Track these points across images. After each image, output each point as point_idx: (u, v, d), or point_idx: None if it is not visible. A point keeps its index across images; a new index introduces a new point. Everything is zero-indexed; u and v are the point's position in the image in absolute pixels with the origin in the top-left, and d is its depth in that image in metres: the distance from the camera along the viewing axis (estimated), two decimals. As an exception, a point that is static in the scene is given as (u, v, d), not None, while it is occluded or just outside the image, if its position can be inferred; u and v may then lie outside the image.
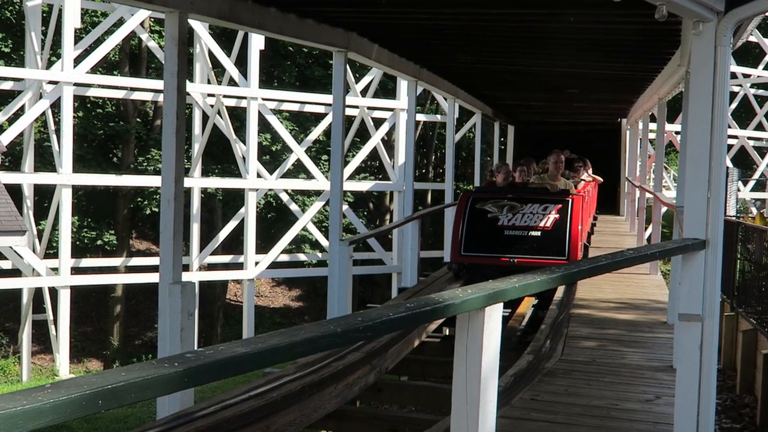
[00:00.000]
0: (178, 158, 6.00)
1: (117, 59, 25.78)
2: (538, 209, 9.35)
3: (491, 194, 9.90)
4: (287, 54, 27.90)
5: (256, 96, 20.23)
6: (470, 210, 9.60)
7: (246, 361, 1.97)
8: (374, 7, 8.20)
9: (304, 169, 23.53)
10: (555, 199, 9.54)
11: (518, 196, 9.70)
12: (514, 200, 9.53)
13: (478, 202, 9.68)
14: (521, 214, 9.36)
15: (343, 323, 2.24)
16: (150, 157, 25.59)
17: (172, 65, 6.10)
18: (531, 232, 9.40)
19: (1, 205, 12.54)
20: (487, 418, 2.83)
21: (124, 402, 1.82)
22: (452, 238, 9.83)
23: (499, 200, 9.59)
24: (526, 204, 9.45)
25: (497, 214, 9.44)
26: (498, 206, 9.46)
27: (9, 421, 1.56)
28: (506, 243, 9.47)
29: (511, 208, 9.42)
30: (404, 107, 21.09)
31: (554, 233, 9.33)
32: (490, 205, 9.52)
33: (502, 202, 9.52)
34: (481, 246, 9.56)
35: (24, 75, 18.68)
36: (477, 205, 9.58)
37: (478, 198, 9.82)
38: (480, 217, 9.54)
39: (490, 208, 9.50)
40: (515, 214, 9.39)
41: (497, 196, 9.71)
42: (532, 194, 9.78)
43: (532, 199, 9.57)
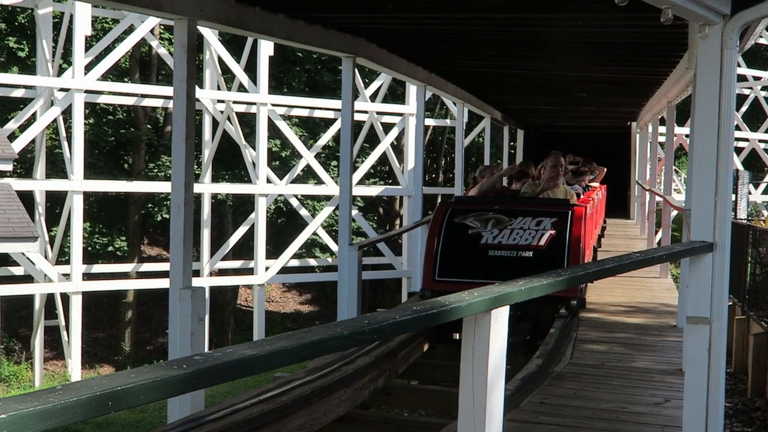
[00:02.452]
0: (188, 164, 6.05)
1: (127, 66, 25.91)
2: (531, 224, 7.79)
3: (474, 205, 8.37)
4: (296, 60, 27.97)
5: (265, 102, 20.30)
6: (447, 225, 8.00)
7: (254, 363, 1.99)
8: (382, 13, 8.24)
9: (314, 175, 23.58)
10: (551, 211, 8.05)
11: (507, 207, 8.13)
12: (502, 213, 7.99)
13: (458, 215, 8.09)
14: (509, 230, 7.78)
15: (350, 326, 2.27)
16: (161, 164, 25.69)
17: (181, 72, 6.15)
18: (521, 252, 7.84)
19: (13, 211, 12.61)
20: (493, 420, 2.84)
21: (134, 403, 1.85)
22: (424, 260, 8.08)
23: (482, 213, 8.01)
24: (515, 217, 7.89)
25: (480, 230, 7.84)
26: (481, 220, 7.89)
27: (21, 421, 1.59)
28: (490, 266, 7.82)
29: (498, 223, 7.85)
30: (413, 112, 21.13)
31: (550, 254, 7.79)
32: (471, 218, 7.94)
33: (487, 215, 7.95)
34: (460, 270, 7.94)
35: (35, 82, 18.80)
36: (456, 219, 8.01)
37: (457, 210, 8.20)
38: (459, 233, 7.95)
39: (472, 223, 7.92)
40: (502, 230, 7.80)
41: (481, 208, 8.17)
42: (523, 205, 8.27)
43: (524, 212, 8.00)
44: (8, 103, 23.67)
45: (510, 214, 7.97)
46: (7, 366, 20.47)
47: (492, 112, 18.78)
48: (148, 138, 26.33)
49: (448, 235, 7.98)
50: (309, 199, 26.63)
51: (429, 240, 8.14)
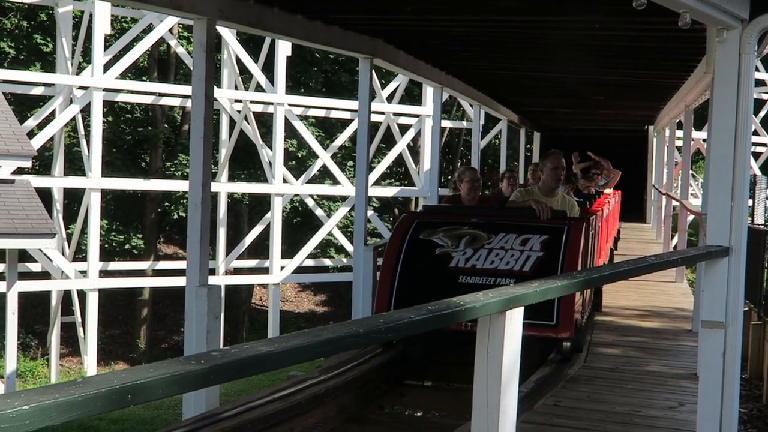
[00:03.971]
0: (206, 163, 6.09)
1: (146, 65, 26.07)
2: (514, 242, 6.12)
3: (446, 216, 6.72)
4: (314, 60, 28.05)
5: (282, 102, 20.35)
6: (410, 242, 6.35)
7: (270, 359, 2.02)
8: (400, 14, 8.27)
9: (330, 175, 23.63)
10: (542, 226, 6.36)
11: (487, 220, 6.47)
12: (480, 227, 6.31)
13: (425, 229, 6.44)
14: (487, 249, 6.10)
15: (365, 324, 2.29)
16: (178, 162, 25.82)
17: (200, 71, 6.19)
18: (500, 279, 6.09)
19: (32, 208, 12.72)
20: (506, 421, 2.86)
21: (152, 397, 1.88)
22: (378, 284, 6.34)
23: (455, 227, 6.34)
24: (496, 234, 6.23)
25: (450, 249, 6.17)
26: (453, 236, 6.23)
27: (42, 413, 1.62)
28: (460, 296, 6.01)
29: (473, 240, 6.18)
30: (430, 113, 21.13)
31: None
32: (441, 234, 6.26)
33: (460, 231, 6.28)
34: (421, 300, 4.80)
35: (54, 80, 18.94)
36: (422, 235, 6.34)
37: (425, 223, 6.54)
38: (423, 253, 6.30)
39: (441, 240, 6.25)
40: (478, 249, 6.13)
41: (455, 220, 6.53)
42: (508, 218, 6.60)
43: (507, 227, 6.36)
44: (28, 100, 23.87)
45: (490, 229, 6.28)
46: (23, 361, 20.63)
47: (508, 114, 18.77)
48: (165, 137, 26.48)
49: (410, 255, 6.25)
50: (325, 199, 26.69)
51: (386, 260, 6.33)
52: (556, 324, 5.92)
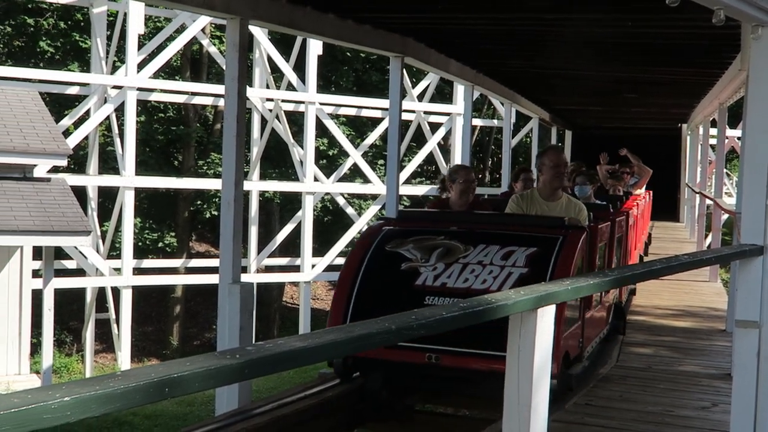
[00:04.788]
0: (239, 162, 6.15)
1: (178, 64, 26.30)
2: (495, 256, 5.11)
3: (422, 224, 5.83)
4: (345, 59, 28.12)
5: (314, 101, 20.44)
6: (374, 254, 5.39)
7: (303, 354, 2.04)
8: (431, 13, 8.28)
9: (361, 174, 23.69)
10: (531, 236, 5.32)
11: (468, 228, 5.53)
12: (458, 237, 5.34)
13: (394, 239, 5.46)
14: (461, 264, 5.09)
15: (397, 321, 2.31)
16: (210, 161, 26.03)
17: (233, 70, 6.25)
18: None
19: (68, 206, 12.90)
20: (538, 418, 2.86)
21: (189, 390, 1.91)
22: (332, 304, 5.37)
23: (428, 237, 5.37)
24: (475, 245, 5.24)
25: (418, 264, 5.17)
26: (424, 248, 5.25)
27: (83, 404, 1.66)
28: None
29: (447, 253, 5.19)
30: (461, 112, 21.10)
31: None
32: (411, 245, 5.29)
33: (434, 241, 5.30)
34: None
35: (89, 80, 19.18)
36: (389, 246, 5.38)
37: (395, 232, 5.59)
38: (388, 267, 5.31)
39: (410, 252, 5.26)
40: (451, 264, 5.11)
41: (431, 228, 5.58)
42: (494, 226, 5.64)
43: (489, 236, 5.35)
44: (63, 100, 24.19)
45: (469, 239, 5.30)
46: (59, 358, 20.93)
47: (540, 112, 18.69)
48: (197, 136, 26.70)
49: (371, 269, 5.27)
50: (355, 197, 26.75)
51: (343, 273, 5.37)
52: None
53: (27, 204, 12.42)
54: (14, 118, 13.85)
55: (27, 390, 1.69)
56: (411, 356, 4.84)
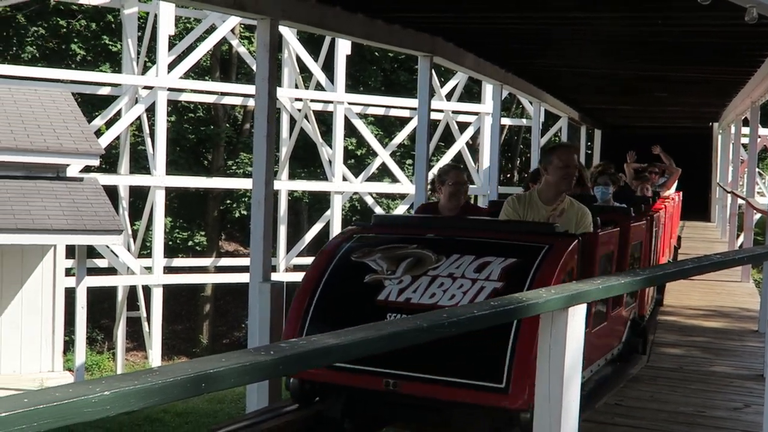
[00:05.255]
0: (269, 161, 6.19)
1: (208, 65, 26.50)
2: (468, 267, 4.52)
3: (395, 230, 5.25)
4: (373, 59, 28.17)
5: (342, 100, 20.49)
6: (338, 264, 4.82)
7: (336, 351, 2.07)
8: (459, 13, 8.29)
9: (389, 173, 23.71)
10: (513, 244, 4.68)
11: (447, 235, 4.91)
12: (432, 246, 4.74)
13: (361, 249, 4.86)
14: (430, 277, 4.52)
15: (429, 318, 2.33)
16: (239, 161, 26.20)
17: (263, 71, 6.30)
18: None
19: (100, 205, 13.05)
20: (569, 417, 2.87)
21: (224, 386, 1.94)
22: (290, 315, 4.74)
23: (399, 246, 4.79)
24: (448, 254, 4.64)
25: (383, 276, 4.61)
26: (392, 258, 4.70)
27: (122, 398, 1.70)
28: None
29: (417, 264, 4.62)
30: (489, 111, 21.05)
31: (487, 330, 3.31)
32: (379, 255, 4.74)
33: (404, 251, 4.73)
34: None
35: (121, 80, 19.38)
36: (354, 255, 4.82)
37: (365, 241, 4.96)
38: (350, 279, 4.76)
39: (376, 263, 4.71)
40: (418, 277, 4.53)
41: (405, 236, 4.99)
42: (475, 233, 4.95)
43: (466, 245, 4.73)
44: (95, 100, 24.47)
45: (443, 248, 4.70)
46: (90, 355, 21.17)
47: (569, 111, 18.60)
48: (227, 135, 26.88)
49: (333, 281, 4.74)
50: (384, 197, 26.79)
51: (303, 284, 4.79)
52: (506, 387, 4.00)
53: (60, 203, 12.59)
54: (48, 119, 14.04)
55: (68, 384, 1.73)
56: (368, 381, 4.24)
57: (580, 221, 5.22)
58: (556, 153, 5.32)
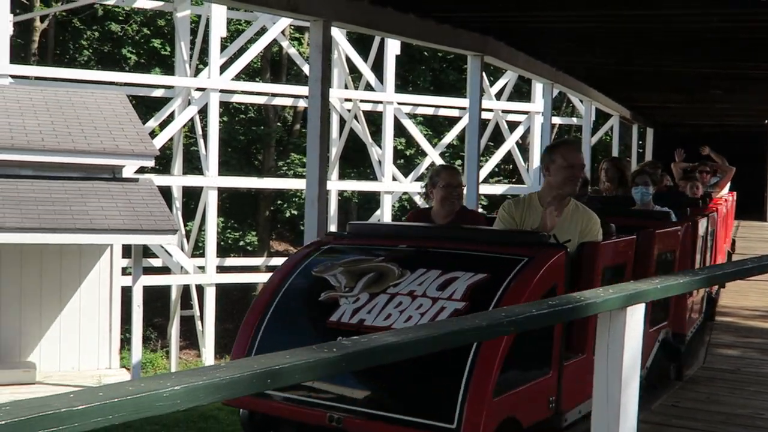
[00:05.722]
0: (322, 161, 6.25)
1: (259, 66, 26.76)
2: (432, 284, 3.98)
3: (368, 241, 4.65)
4: (422, 58, 28.19)
5: (391, 100, 20.54)
6: (298, 278, 4.35)
7: (396, 349, 2.10)
8: (511, 11, 8.26)
9: (438, 173, 23.67)
10: (488, 256, 4.15)
11: (419, 246, 4.36)
12: (398, 259, 4.21)
13: (323, 262, 4.38)
14: (388, 295, 3.99)
15: (487, 317, 2.34)
16: (290, 161, 26.43)
17: (316, 71, 6.35)
18: None
19: (155, 205, 13.27)
20: (627, 418, 2.86)
21: (290, 381, 1.98)
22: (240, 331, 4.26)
23: (364, 259, 4.30)
24: (414, 269, 4.10)
25: (340, 293, 4.11)
26: (353, 273, 4.20)
27: (192, 393, 1.75)
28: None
29: (377, 280, 4.10)
30: (539, 110, 20.92)
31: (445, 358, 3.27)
32: (341, 269, 4.24)
33: (367, 264, 4.23)
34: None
35: (174, 82, 19.68)
36: (315, 269, 4.34)
37: (333, 252, 4.50)
38: (307, 296, 4.30)
39: (336, 278, 4.21)
40: (376, 295, 4.01)
41: (376, 247, 4.48)
42: (451, 243, 4.39)
43: (435, 258, 4.22)
44: (148, 102, 24.89)
45: (409, 261, 4.18)
46: (144, 354, 21.53)
47: (620, 110, 18.39)
48: (277, 136, 27.13)
49: (289, 298, 4.29)
50: (433, 197, 26.76)
51: (258, 298, 4.40)
52: (458, 427, 3.44)
53: (117, 204, 12.83)
54: (104, 121, 14.31)
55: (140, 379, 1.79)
56: (313, 416, 3.83)
57: (586, 229, 4.58)
58: (559, 151, 4.71)
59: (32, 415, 1.52)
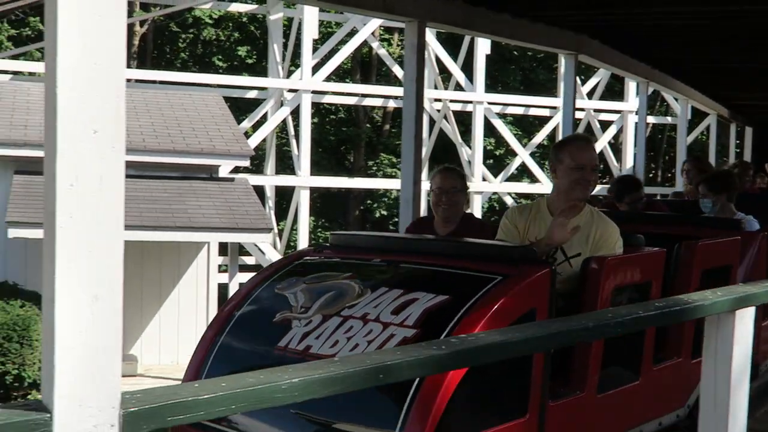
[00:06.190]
0: (417, 161, 6.29)
1: (349, 67, 27.04)
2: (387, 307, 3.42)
3: (347, 255, 4.11)
4: (512, 58, 27.99)
5: (481, 100, 20.46)
6: (260, 296, 3.98)
7: (504, 347, 2.12)
8: (606, 9, 8.15)
9: (529, 173, 23.50)
10: (458, 274, 3.58)
11: (393, 260, 3.90)
12: (363, 275, 3.77)
13: (289, 279, 3.91)
14: (340, 318, 3.49)
15: (594, 318, 2.34)
16: (379, 161, 26.62)
17: (411, 72, 6.40)
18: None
19: (251, 204, 13.59)
20: (736, 423, 2.81)
21: (399, 378, 2.03)
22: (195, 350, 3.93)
23: (329, 275, 3.85)
24: (376, 288, 3.58)
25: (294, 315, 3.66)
26: (313, 291, 3.75)
27: (309, 386, 1.81)
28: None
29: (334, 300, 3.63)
30: (632, 109, 20.51)
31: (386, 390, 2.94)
32: (302, 287, 3.78)
33: (331, 281, 3.77)
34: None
35: (267, 84, 20.06)
36: (279, 287, 3.90)
37: (301, 270, 3.98)
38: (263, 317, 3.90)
39: (295, 297, 3.78)
40: (330, 317, 3.53)
41: (349, 260, 4.03)
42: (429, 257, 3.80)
43: (402, 275, 3.79)
44: (241, 103, 25.45)
45: (375, 278, 3.80)
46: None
47: (718, 108, 17.86)
48: (367, 136, 27.36)
49: (245, 318, 3.94)
50: (523, 197, 26.55)
51: (217, 316, 4.14)
52: None
53: (214, 202, 13.18)
54: (201, 122, 14.72)
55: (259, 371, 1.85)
56: None
57: (600, 241, 3.93)
58: (566, 149, 4.05)
59: (162, 403, 1.61)
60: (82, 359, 1.53)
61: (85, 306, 1.55)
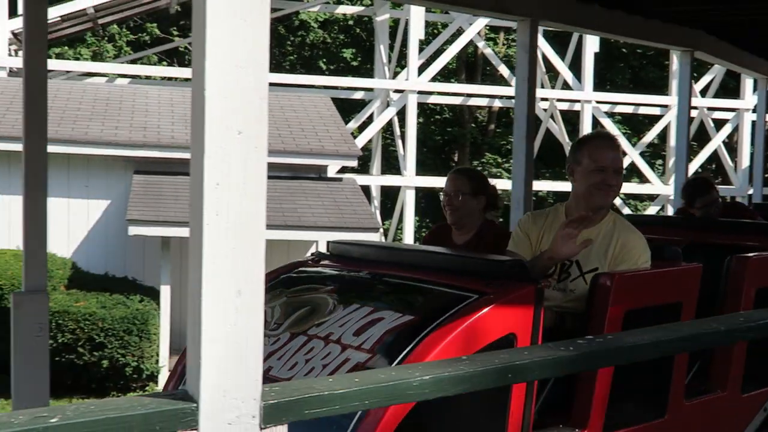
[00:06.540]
0: (529, 161, 6.25)
1: (454, 67, 27.01)
2: (350, 327, 3.13)
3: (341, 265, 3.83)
4: (620, 55, 27.37)
5: (590, 99, 20.10)
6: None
7: (635, 350, 2.08)
8: (723, 3, 7.88)
9: (638, 173, 22.92)
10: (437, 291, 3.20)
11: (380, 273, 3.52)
12: (342, 289, 3.53)
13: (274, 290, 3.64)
14: (305, 338, 3.24)
15: (725, 322, 2.27)
16: (484, 161, 26.49)
17: (523, 71, 6.35)
18: None
19: (359, 204, 13.75)
20: None
21: (528, 378, 2.03)
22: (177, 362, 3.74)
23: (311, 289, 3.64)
24: (348, 304, 3.31)
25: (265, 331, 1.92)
26: (289, 306, 3.51)
27: (439, 383, 1.83)
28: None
29: (308, 316, 3.37)
30: (749, 107, 19.75)
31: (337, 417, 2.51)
32: (283, 300, 3.55)
33: (309, 296, 3.56)
34: None
35: (373, 85, 20.25)
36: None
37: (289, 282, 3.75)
38: None
39: (273, 311, 3.50)
40: (296, 336, 3.28)
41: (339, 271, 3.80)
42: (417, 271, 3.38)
43: (379, 290, 3.47)
44: (346, 104, 25.78)
45: (352, 293, 3.50)
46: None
47: (844, 105, 17.01)
48: (472, 136, 27.26)
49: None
50: (632, 198, 25.95)
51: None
52: None
53: (323, 202, 13.39)
54: (310, 123, 14.98)
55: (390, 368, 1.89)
56: None
57: (621, 254, 3.44)
58: (585, 148, 3.55)
59: (300, 396, 1.65)
60: (227, 351, 1.59)
61: (230, 300, 1.61)
